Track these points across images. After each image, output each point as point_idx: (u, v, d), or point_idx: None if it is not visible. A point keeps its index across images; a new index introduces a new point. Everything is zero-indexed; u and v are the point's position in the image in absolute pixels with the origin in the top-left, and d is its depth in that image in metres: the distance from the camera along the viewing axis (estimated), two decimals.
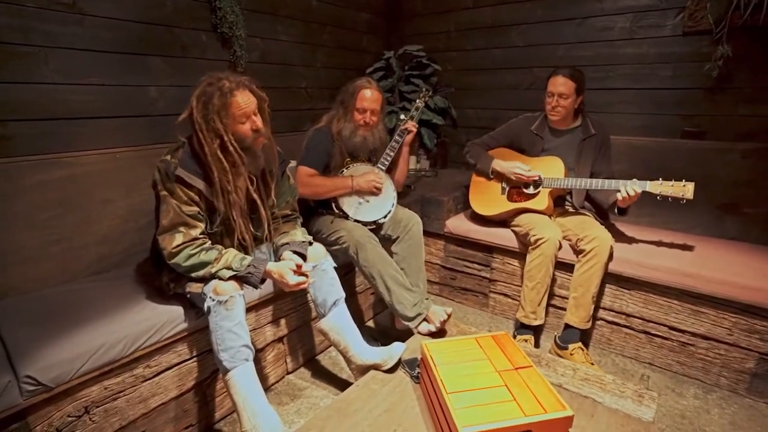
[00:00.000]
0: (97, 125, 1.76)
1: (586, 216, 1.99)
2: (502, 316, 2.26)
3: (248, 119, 1.29)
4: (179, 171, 1.24)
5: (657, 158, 2.25)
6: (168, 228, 1.25)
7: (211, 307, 1.24)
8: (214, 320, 1.24)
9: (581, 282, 1.80)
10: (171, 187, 1.25)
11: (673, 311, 1.75)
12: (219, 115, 1.23)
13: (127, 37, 1.80)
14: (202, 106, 1.23)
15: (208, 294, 1.25)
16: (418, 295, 1.71)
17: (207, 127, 1.23)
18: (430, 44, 3.04)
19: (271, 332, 1.69)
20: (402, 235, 1.85)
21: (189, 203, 1.27)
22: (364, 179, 1.80)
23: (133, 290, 1.43)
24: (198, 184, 1.27)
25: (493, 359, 1.25)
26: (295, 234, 1.52)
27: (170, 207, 1.25)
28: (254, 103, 1.31)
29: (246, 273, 1.28)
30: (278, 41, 2.45)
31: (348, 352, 1.52)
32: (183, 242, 1.25)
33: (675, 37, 2.19)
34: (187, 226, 1.27)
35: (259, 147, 1.35)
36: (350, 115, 1.82)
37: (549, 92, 1.94)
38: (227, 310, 1.23)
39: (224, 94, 1.23)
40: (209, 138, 1.24)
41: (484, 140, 2.22)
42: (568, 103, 1.91)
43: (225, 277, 1.26)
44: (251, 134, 1.31)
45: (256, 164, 1.37)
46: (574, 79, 1.89)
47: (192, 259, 1.25)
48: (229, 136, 1.25)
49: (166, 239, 1.25)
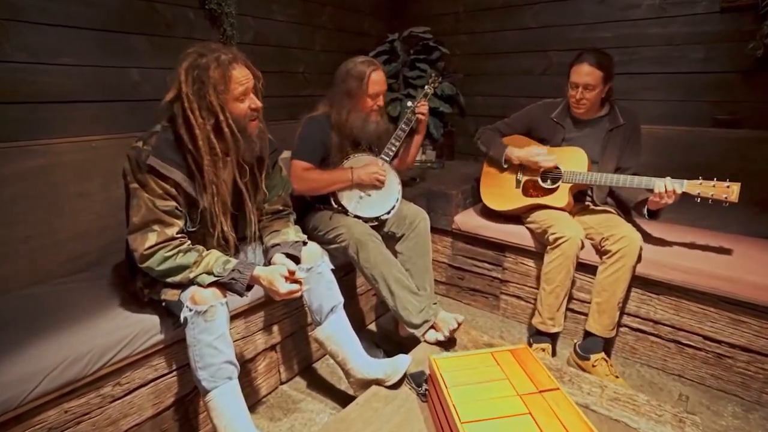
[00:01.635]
0: (71, 110, 1.59)
1: (609, 213, 1.81)
2: (514, 319, 2.09)
3: (247, 97, 1.14)
4: (151, 160, 1.07)
5: (684, 149, 2.07)
6: (140, 226, 1.09)
7: (189, 318, 1.08)
8: (191, 333, 1.08)
9: (605, 286, 1.63)
10: (142, 179, 1.09)
11: (709, 319, 1.57)
12: (215, 89, 1.06)
13: (105, 13, 1.63)
14: (194, 80, 1.06)
15: (185, 303, 1.09)
16: (425, 300, 1.54)
17: (200, 104, 1.06)
18: (437, 26, 2.84)
19: (262, 340, 1.53)
20: (407, 232, 1.68)
21: (164, 197, 1.10)
22: (366, 171, 1.62)
23: (106, 295, 1.28)
24: (175, 175, 1.10)
25: (514, 379, 1.08)
26: (287, 233, 1.35)
27: (142, 202, 1.08)
28: (252, 80, 1.15)
29: (229, 279, 1.11)
30: (273, 21, 2.26)
31: (347, 364, 1.37)
32: (157, 243, 1.08)
33: (710, 14, 1.99)
34: (162, 224, 1.10)
35: (254, 131, 1.18)
36: (360, 103, 1.63)
37: (572, 83, 1.72)
38: (206, 322, 1.07)
39: (222, 66, 1.07)
40: (202, 117, 1.07)
41: (498, 126, 2.03)
42: (595, 95, 1.70)
43: (205, 284, 1.10)
44: (248, 114, 1.14)
45: (252, 151, 1.19)
46: (602, 67, 1.66)
47: (167, 263, 1.09)
48: (226, 115, 1.09)
49: (138, 239, 1.09)
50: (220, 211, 1.18)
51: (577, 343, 1.73)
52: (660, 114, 2.20)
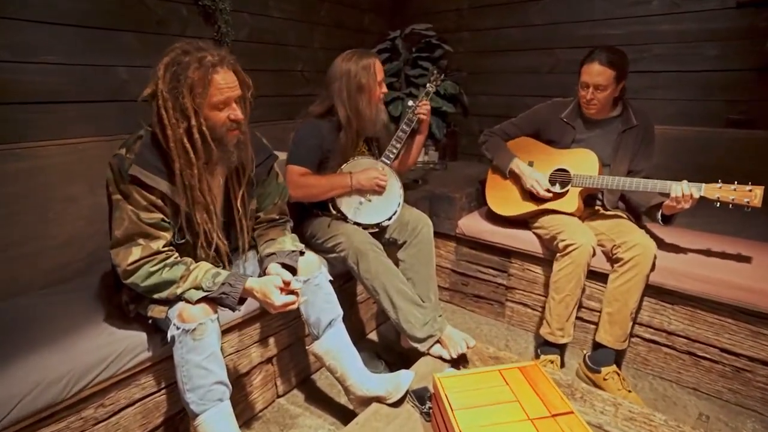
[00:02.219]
0: (56, 111, 1.51)
1: (620, 218, 1.73)
2: (520, 327, 2.02)
3: (227, 107, 1.04)
4: (134, 169, 0.99)
5: (696, 151, 1.99)
6: (123, 240, 1.01)
7: (176, 337, 1.00)
8: (179, 353, 1.01)
9: (617, 296, 1.55)
10: (125, 190, 1.01)
11: (727, 331, 1.50)
12: (192, 92, 0.97)
13: (93, 9, 1.55)
14: (171, 77, 0.97)
15: (173, 320, 1.02)
16: (430, 312, 1.47)
17: (173, 104, 0.98)
18: (439, 23, 2.75)
19: (257, 353, 1.46)
20: (410, 239, 1.61)
21: (149, 209, 1.03)
22: (365, 176, 1.54)
23: (90, 308, 1.20)
24: (160, 185, 1.02)
25: (524, 401, 1.01)
26: (283, 242, 1.27)
27: (125, 214, 1.01)
28: (237, 89, 1.06)
29: (219, 294, 1.03)
30: (270, 18, 2.18)
31: (346, 380, 1.30)
32: (141, 257, 1.01)
33: (725, 10, 1.91)
34: (147, 238, 1.02)
35: (231, 141, 1.09)
36: (373, 93, 1.55)
37: (583, 83, 1.63)
38: (195, 341, 1.00)
39: (203, 68, 0.98)
40: (174, 119, 0.98)
41: (505, 128, 1.94)
42: (606, 95, 1.61)
43: (193, 300, 1.02)
44: (227, 124, 1.06)
45: (227, 161, 1.11)
46: (614, 66, 1.56)
47: (153, 278, 1.01)
48: (200, 120, 1.00)
49: (121, 254, 1.01)
50: (206, 218, 1.10)
51: (587, 355, 1.65)
52: (671, 113, 2.12)
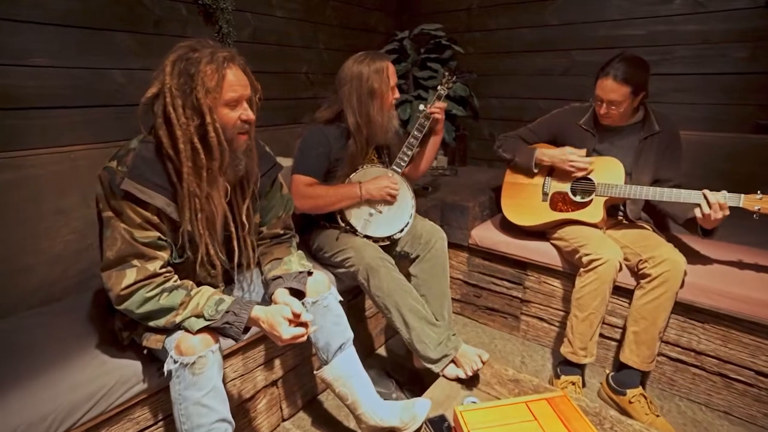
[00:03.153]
0: (46, 117, 1.42)
1: (645, 229, 1.63)
2: (535, 342, 1.92)
3: (239, 105, 0.96)
4: (127, 184, 0.89)
5: (723, 158, 1.88)
6: (116, 261, 0.92)
7: (173, 371, 0.91)
8: (176, 389, 0.91)
9: (644, 314, 1.45)
10: (117, 206, 0.91)
11: (764, 353, 1.40)
12: (205, 87, 0.89)
13: (85, 8, 1.46)
14: (180, 73, 0.89)
15: (170, 352, 0.92)
16: (444, 331, 1.37)
17: (185, 101, 0.89)
18: (449, 23, 2.65)
19: (262, 377, 1.36)
20: (422, 253, 1.51)
21: (144, 227, 0.93)
22: (375, 185, 1.45)
23: (80, 333, 1.10)
24: (156, 201, 0.93)
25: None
26: (289, 262, 1.18)
27: (117, 233, 0.91)
28: (248, 89, 0.98)
29: (222, 324, 0.94)
30: (273, 17, 2.08)
31: (357, 408, 1.20)
32: (136, 281, 0.91)
33: (755, 9, 1.80)
34: (143, 258, 0.93)
35: (241, 146, 1.01)
36: (385, 98, 1.47)
37: (597, 96, 1.54)
38: (195, 376, 0.90)
39: (216, 62, 0.90)
40: (186, 117, 0.89)
41: (521, 134, 1.84)
42: (622, 110, 1.52)
43: (194, 329, 0.92)
44: (237, 125, 0.97)
45: (235, 170, 1.02)
46: (630, 81, 1.45)
47: (149, 304, 0.92)
48: (214, 117, 0.91)
49: (113, 277, 0.91)
50: (204, 230, 0.99)
51: (611, 375, 1.56)
52: (696, 118, 2.02)
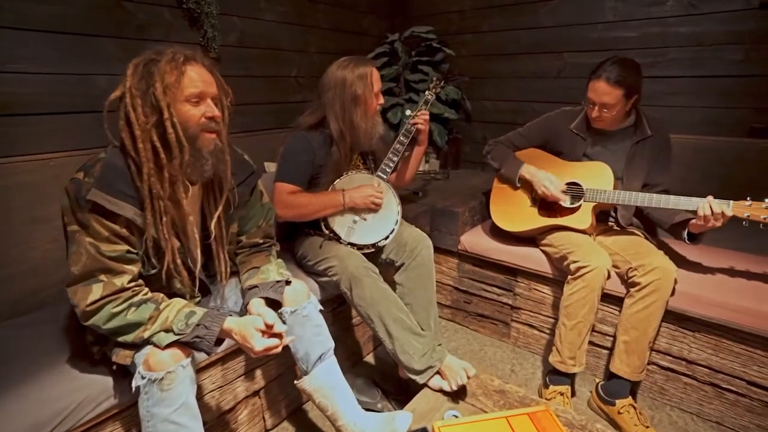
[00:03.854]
0: (26, 124, 1.40)
1: (636, 236, 1.60)
2: (526, 349, 1.90)
3: (202, 102, 0.94)
4: (94, 194, 0.87)
5: (718, 162, 1.86)
6: (80, 277, 0.89)
7: (141, 387, 0.88)
8: (144, 405, 0.89)
9: (635, 324, 1.43)
10: (84, 219, 0.89)
11: (756, 363, 1.37)
12: (163, 83, 0.88)
13: (67, 13, 1.45)
14: (142, 74, 0.90)
15: (138, 367, 0.90)
16: (429, 342, 1.35)
17: (144, 99, 0.89)
18: (442, 25, 2.63)
19: (243, 387, 1.34)
20: (408, 261, 1.49)
21: (112, 240, 0.90)
22: (359, 193, 1.42)
23: (52, 347, 1.08)
24: (125, 211, 0.90)
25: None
26: (267, 271, 1.16)
27: (82, 248, 0.88)
28: (213, 87, 0.96)
29: (193, 338, 0.92)
30: (261, 21, 2.06)
31: (337, 420, 1.18)
32: (102, 296, 0.89)
33: (749, 10, 1.77)
34: (110, 273, 0.90)
35: (207, 146, 0.97)
36: (369, 104, 1.45)
37: (589, 99, 1.52)
38: (163, 392, 0.88)
39: (176, 61, 0.90)
40: (143, 115, 0.88)
41: (511, 138, 1.81)
42: (615, 113, 1.49)
43: (162, 344, 0.90)
44: (201, 122, 0.94)
45: (200, 170, 0.98)
46: (623, 84, 1.43)
47: (116, 320, 0.90)
48: (171, 112, 0.90)
49: (79, 293, 0.89)
50: (171, 237, 0.97)
51: (600, 384, 1.53)
52: (690, 122, 1.99)
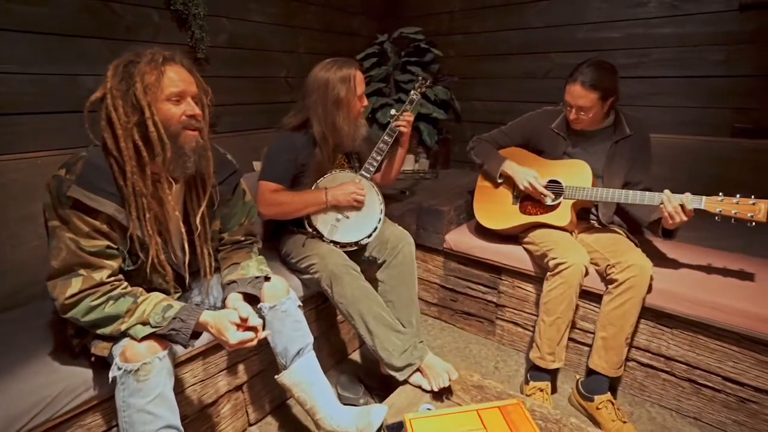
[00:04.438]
0: (13, 124, 1.43)
1: (617, 234, 1.62)
2: (510, 347, 1.92)
3: (183, 101, 0.97)
4: (74, 191, 0.89)
5: (700, 161, 1.88)
6: (60, 271, 0.91)
7: (118, 378, 0.91)
8: (120, 396, 0.91)
9: (612, 320, 1.45)
10: (64, 215, 0.91)
11: (731, 359, 1.39)
12: (144, 83, 0.91)
13: (54, 14, 1.47)
14: (122, 75, 0.92)
15: (115, 358, 0.92)
16: (409, 339, 1.37)
17: (125, 99, 0.91)
18: (432, 26, 2.66)
19: (225, 382, 1.37)
20: (389, 258, 1.51)
21: (92, 236, 0.93)
22: (342, 191, 1.45)
23: (35, 341, 1.10)
24: (106, 207, 0.93)
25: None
26: (247, 267, 1.18)
27: (62, 243, 0.91)
28: (193, 86, 0.99)
29: (168, 330, 0.94)
30: (251, 22, 2.09)
31: (315, 414, 1.20)
32: (81, 290, 0.91)
33: (729, 12, 1.80)
34: (89, 268, 0.93)
35: (189, 143, 0.99)
36: (351, 107, 1.47)
37: (567, 102, 1.54)
38: (139, 382, 0.90)
39: (156, 62, 0.93)
40: (125, 115, 0.91)
41: (494, 136, 1.84)
42: (592, 116, 1.52)
43: (138, 337, 0.93)
44: (182, 119, 0.97)
45: (183, 167, 1.00)
46: (598, 87, 1.45)
47: (94, 313, 0.92)
48: (153, 111, 0.92)
49: (58, 286, 0.91)
50: (154, 233, 1.00)
51: (580, 381, 1.55)
52: (673, 121, 2.01)
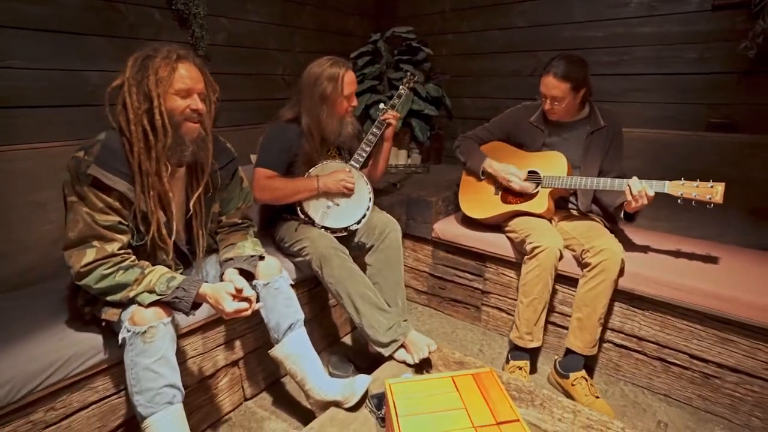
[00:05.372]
0: (23, 116, 1.52)
1: (593, 221, 1.72)
2: (495, 332, 2.01)
3: (189, 96, 1.08)
4: (93, 169, 1.00)
5: (677, 154, 1.97)
6: (77, 242, 1.02)
7: (127, 339, 1.01)
8: (129, 356, 1.01)
9: (586, 301, 1.54)
10: (82, 191, 1.02)
11: (695, 337, 1.48)
12: (156, 77, 1.03)
13: (61, 13, 1.57)
14: (139, 66, 1.04)
15: (124, 322, 1.02)
16: (394, 317, 1.46)
17: (138, 89, 1.03)
18: (424, 25, 2.75)
19: (222, 356, 1.46)
20: (377, 243, 1.60)
21: (105, 211, 1.03)
22: (333, 179, 1.55)
23: (48, 312, 1.20)
24: (119, 186, 1.04)
25: (472, 409, 1.00)
26: (243, 247, 1.28)
27: (79, 216, 1.01)
28: (201, 84, 1.10)
29: (172, 298, 1.04)
30: (248, 22, 2.19)
31: (305, 384, 1.30)
32: (95, 260, 1.01)
33: (702, 12, 1.89)
34: (102, 240, 1.03)
35: (189, 134, 1.11)
36: (337, 105, 1.56)
37: (541, 93, 1.65)
38: (145, 344, 1.00)
39: (170, 59, 1.05)
40: (137, 102, 1.03)
41: (478, 133, 1.94)
42: (565, 105, 1.63)
43: (145, 303, 1.03)
44: (185, 112, 1.08)
45: (180, 154, 1.11)
46: (569, 78, 1.57)
47: (106, 281, 1.02)
48: (160, 102, 1.04)
49: (74, 255, 1.02)
50: (162, 213, 1.11)
51: (558, 360, 1.64)
52: (652, 117, 2.10)
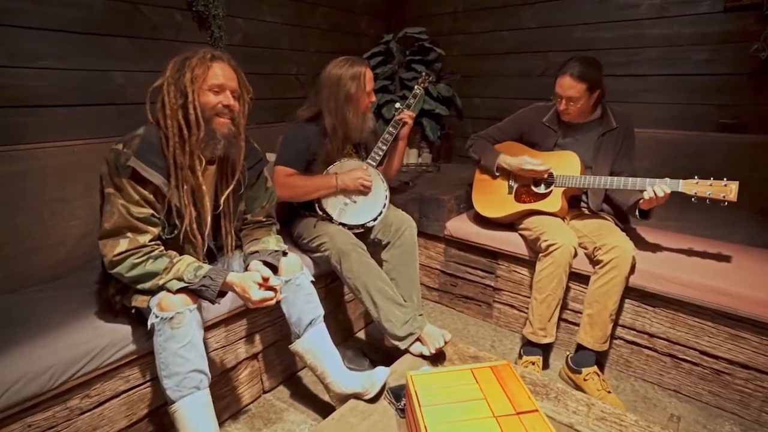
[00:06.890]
0: (51, 115, 1.57)
1: (604, 220, 1.74)
2: (507, 328, 2.04)
3: (222, 93, 1.14)
4: (133, 161, 1.05)
5: (687, 154, 1.99)
6: (111, 232, 1.06)
7: (155, 325, 1.05)
8: (157, 341, 1.06)
9: (597, 297, 1.57)
10: (120, 183, 1.06)
11: (706, 334, 1.51)
12: (192, 75, 1.10)
13: (87, 15, 1.61)
14: (178, 68, 1.12)
15: (153, 309, 1.06)
16: (410, 311, 1.50)
17: (175, 87, 1.11)
18: (435, 26, 2.78)
19: (243, 349, 1.50)
20: (393, 240, 1.64)
21: (140, 204, 1.08)
22: (350, 177, 1.58)
23: (80, 304, 1.25)
24: (155, 179, 1.08)
25: (492, 400, 1.04)
26: (267, 242, 1.32)
27: (115, 208, 1.06)
28: (234, 82, 1.16)
29: (199, 286, 1.08)
30: (264, 22, 2.23)
31: (326, 378, 1.34)
32: (128, 249, 1.06)
33: (714, 14, 1.91)
34: (135, 231, 1.08)
35: (220, 128, 1.15)
36: (360, 103, 1.60)
37: (557, 93, 1.68)
38: (173, 329, 1.04)
39: (205, 58, 1.13)
40: (174, 98, 1.10)
41: (490, 133, 1.97)
42: (580, 106, 1.65)
43: (173, 289, 1.07)
44: (217, 108, 1.14)
45: (213, 148, 1.15)
46: (585, 78, 1.60)
47: (137, 269, 1.06)
48: (194, 97, 1.10)
49: (108, 245, 1.06)
50: (193, 208, 1.15)
51: (569, 356, 1.67)
52: (662, 117, 2.13)
